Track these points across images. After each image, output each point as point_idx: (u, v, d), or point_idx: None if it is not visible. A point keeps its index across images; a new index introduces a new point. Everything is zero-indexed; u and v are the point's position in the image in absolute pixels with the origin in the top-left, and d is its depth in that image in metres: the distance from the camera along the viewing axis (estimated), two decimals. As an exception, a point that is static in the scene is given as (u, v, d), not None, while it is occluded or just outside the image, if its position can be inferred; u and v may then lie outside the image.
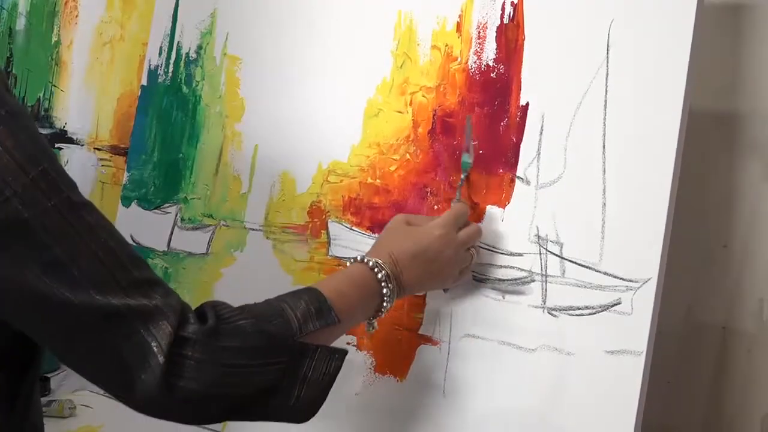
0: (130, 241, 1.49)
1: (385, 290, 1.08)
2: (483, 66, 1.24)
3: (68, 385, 1.49)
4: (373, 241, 1.27)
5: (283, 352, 0.94)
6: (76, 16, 1.78)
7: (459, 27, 1.26)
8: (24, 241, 0.83)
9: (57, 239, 0.84)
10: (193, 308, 0.91)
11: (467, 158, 1.22)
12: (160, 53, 1.53)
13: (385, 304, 1.08)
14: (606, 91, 1.15)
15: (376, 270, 1.08)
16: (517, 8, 1.22)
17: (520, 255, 1.19)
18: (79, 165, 1.75)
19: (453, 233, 1.15)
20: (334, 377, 0.98)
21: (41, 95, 1.81)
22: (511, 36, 1.22)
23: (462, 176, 1.23)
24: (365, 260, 1.09)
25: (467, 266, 1.19)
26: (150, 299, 0.87)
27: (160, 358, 0.85)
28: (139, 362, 0.85)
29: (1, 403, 0.96)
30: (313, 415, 0.97)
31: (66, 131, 1.77)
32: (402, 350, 1.21)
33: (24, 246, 0.83)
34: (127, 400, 0.88)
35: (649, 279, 1.10)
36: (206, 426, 1.20)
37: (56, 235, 0.84)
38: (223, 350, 0.89)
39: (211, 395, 0.88)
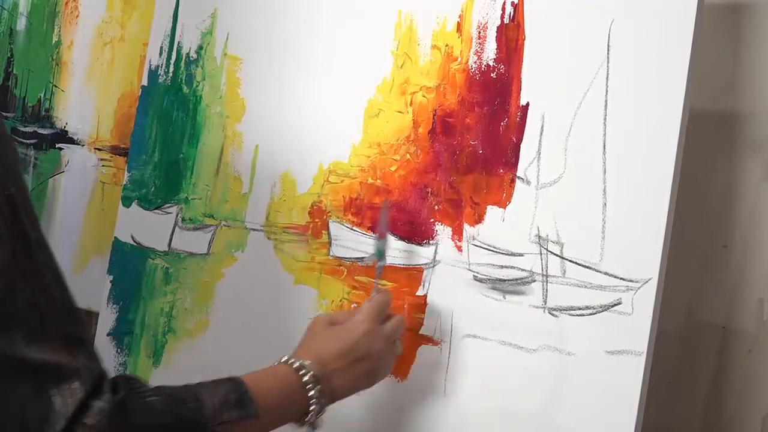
0: (131, 242, 1.49)
1: (311, 392, 1.04)
2: (483, 66, 1.24)
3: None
4: (374, 240, 1.27)
5: None
6: (77, 16, 1.78)
7: (459, 27, 1.26)
8: None
9: (1, 272, 0.80)
10: (109, 377, 0.86)
11: (381, 245, 1.23)
12: (160, 53, 1.53)
13: (312, 407, 1.04)
14: (606, 91, 1.15)
15: (302, 373, 1.04)
16: (517, 8, 1.22)
17: (521, 255, 1.19)
18: (79, 165, 1.75)
19: (378, 327, 1.13)
20: None
21: (42, 95, 1.81)
22: (511, 36, 1.22)
23: (378, 264, 1.23)
24: (290, 362, 1.05)
25: (395, 357, 1.17)
26: (72, 358, 0.82)
27: (62, 423, 0.80)
28: (39, 423, 0.80)
29: None
30: None
31: (66, 131, 1.77)
32: (403, 350, 1.21)
33: None
34: None
35: (649, 279, 1.10)
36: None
37: (1, 268, 0.80)
38: (128, 426, 0.84)
39: None
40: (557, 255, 1.16)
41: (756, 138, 1.32)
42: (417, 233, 1.26)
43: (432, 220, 1.25)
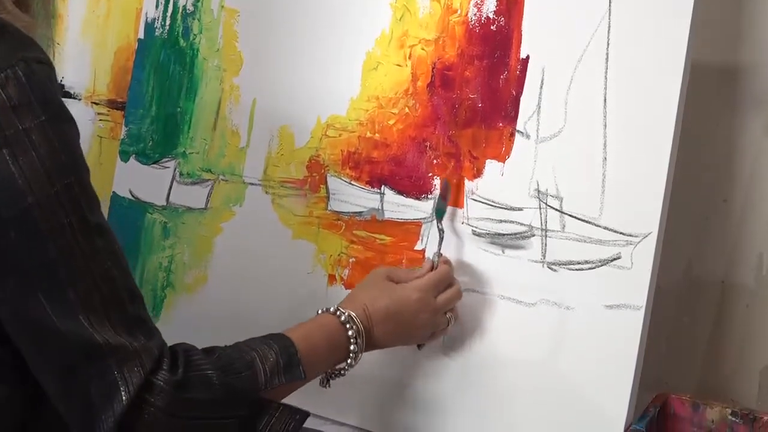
0: (129, 196, 1.49)
1: (352, 347, 1.07)
2: (483, 18, 1.22)
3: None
4: (374, 195, 1.27)
5: (243, 406, 0.94)
6: (72, -32, 1.76)
7: (459, -21, 1.24)
8: (32, 252, 0.83)
9: (64, 258, 0.83)
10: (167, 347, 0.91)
11: (442, 206, 1.22)
12: (156, 6, 1.51)
13: (349, 361, 1.08)
14: (608, 44, 1.14)
15: (348, 326, 1.07)
16: (518, -41, 1.20)
17: (520, 209, 1.18)
18: (76, 119, 1.73)
19: (431, 298, 1.15)
20: None
21: (37, 49, 1.79)
22: (511, -12, 1.21)
23: (440, 228, 1.22)
24: (338, 313, 1.08)
25: (443, 329, 1.19)
26: (133, 339, 0.86)
27: (125, 403, 0.84)
28: (104, 403, 0.85)
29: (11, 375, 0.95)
30: None
31: (63, 85, 1.76)
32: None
33: (30, 257, 0.83)
34: None
35: (649, 233, 1.10)
36: None
37: (64, 255, 0.83)
38: (186, 402, 0.88)
39: None
40: (556, 209, 1.16)
41: (758, 93, 1.31)
42: (415, 187, 1.26)
43: (430, 174, 1.25)
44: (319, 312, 1.09)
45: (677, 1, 1.10)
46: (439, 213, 1.22)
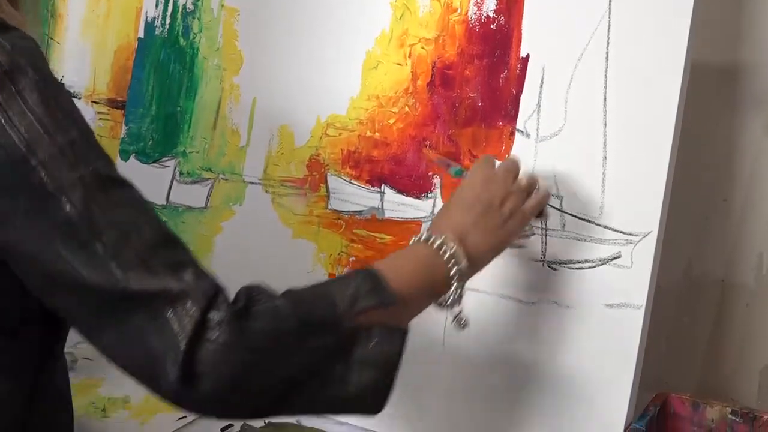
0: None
1: (450, 262, 0.96)
2: (483, 17, 1.22)
3: (69, 339, 1.49)
4: (374, 194, 1.27)
5: (323, 334, 0.85)
6: (72, -33, 1.76)
7: (459, -22, 1.24)
8: (47, 214, 0.79)
9: (81, 214, 0.80)
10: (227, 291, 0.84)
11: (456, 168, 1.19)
12: (156, 5, 1.51)
13: (453, 282, 0.97)
14: (608, 43, 1.14)
15: (432, 240, 0.97)
16: (518, -42, 1.20)
17: (520, 208, 1.18)
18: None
19: (494, 171, 1.05)
20: (397, 360, 0.88)
21: (37, 48, 1.79)
22: (511, -13, 1.21)
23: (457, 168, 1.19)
24: (423, 238, 0.98)
25: (536, 204, 1.08)
26: (178, 281, 0.80)
27: (183, 345, 0.77)
28: (162, 349, 0.78)
29: (31, 362, 0.93)
30: (382, 404, 0.88)
31: (63, 84, 1.76)
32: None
33: (47, 219, 0.80)
34: (159, 392, 0.80)
35: (649, 232, 1.10)
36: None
37: (80, 211, 0.80)
38: (253, 333, 0.81)
39: (242, 385, 0.80)
40: (556, 208, 1.16)
41: (758, 92, 1.31)
42: (415, 186, 1.26)
43: (430, 173, 1.25)
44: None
45: (677, 0, 1.10)
46: (459, 172, 1.18)
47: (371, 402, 0.88)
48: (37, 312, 0.89)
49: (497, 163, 1.08)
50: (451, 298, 0.98)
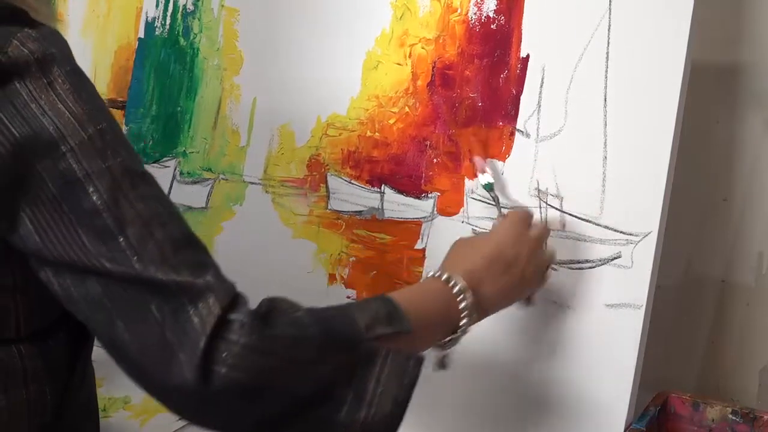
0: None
1: (462, 304, 0.96)
2: (483, 17, 1.22)
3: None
4: (374, 194, 1.27)
5: (341, 350, 0.83)
6: (72, -33, 1.76)
7: (459, -22, 1.24)
8: (74, 202, 0.79)
9: (107, 204, 0.79)
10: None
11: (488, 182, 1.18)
12: (157, 5, 1.51)
13: (463, 319, 0.97)
14: (608, 43, 1.14)
15: (452, 284, 0.96)
16: (518, -42, 1.20)
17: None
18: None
19: (524, 231, 1.06)
20: (411, 389, 0.87)
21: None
22: (512, -13, 1.21)
23: (493, 196, 1.18)
24: (437, 275, 0.98)
25: (548, 267, 1.11)
26: (201, 279, 0.79)
27: (202, 340, 0.76)
28: (181, 344, 0.77)
29: (60, 368, 0.92)
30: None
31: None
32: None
33: (73, 208, 0.79)
34: (165, 384, 0.79)
35: (649, 232, 1.10)
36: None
37: (107, 200, 0.79)
38: (274, 339, 0.80)
39: (253, 391, 0.79)
40: (557, 208, 1.16)
41: (757, 91, 1.31)
42: (415, 186, 1.26)
43: (431, 173, 1.25)
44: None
45: (677, 0, 1.10)
46: (487, 187, 1.18)
47: (382, 429, 0.86)
48: (65, 317, 0.88)
49: (533, 219, 1.09)
50: (452, 340, 0.98)
